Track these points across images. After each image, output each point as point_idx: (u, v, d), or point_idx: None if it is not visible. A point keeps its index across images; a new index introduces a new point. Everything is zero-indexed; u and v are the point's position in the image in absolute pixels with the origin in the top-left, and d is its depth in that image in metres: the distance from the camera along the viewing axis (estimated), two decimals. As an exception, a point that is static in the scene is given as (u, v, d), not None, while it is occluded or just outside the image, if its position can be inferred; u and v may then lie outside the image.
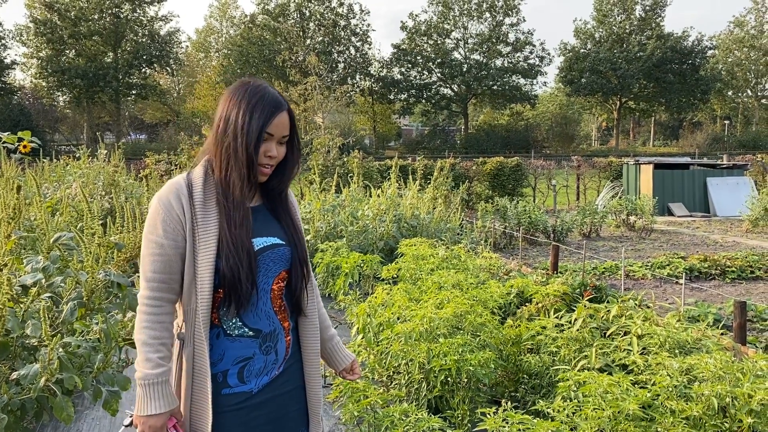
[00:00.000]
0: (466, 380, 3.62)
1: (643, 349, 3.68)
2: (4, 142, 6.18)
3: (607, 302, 4.95)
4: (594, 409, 2.50)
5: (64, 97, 47.32)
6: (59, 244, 2.89)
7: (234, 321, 1.81)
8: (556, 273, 6.72)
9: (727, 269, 8.33)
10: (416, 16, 51.99)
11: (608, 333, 4.11)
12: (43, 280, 2.79)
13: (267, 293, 1.85)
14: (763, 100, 58.21)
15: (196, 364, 1.79)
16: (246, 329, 1.81)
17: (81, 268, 2.88)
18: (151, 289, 1.77)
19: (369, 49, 51.20)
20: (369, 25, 55.46)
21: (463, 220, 9.74)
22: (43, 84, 45.64)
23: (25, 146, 6.43)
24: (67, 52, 45.28)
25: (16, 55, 71.32)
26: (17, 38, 45.33)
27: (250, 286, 1.78)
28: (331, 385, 3.90)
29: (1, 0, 43.43)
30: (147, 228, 1.80)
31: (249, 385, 1.82)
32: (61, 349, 2.62)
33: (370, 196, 8.57)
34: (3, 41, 44.17)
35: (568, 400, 2.94)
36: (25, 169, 8.56)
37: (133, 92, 48.27)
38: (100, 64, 44.54)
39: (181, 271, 1.79)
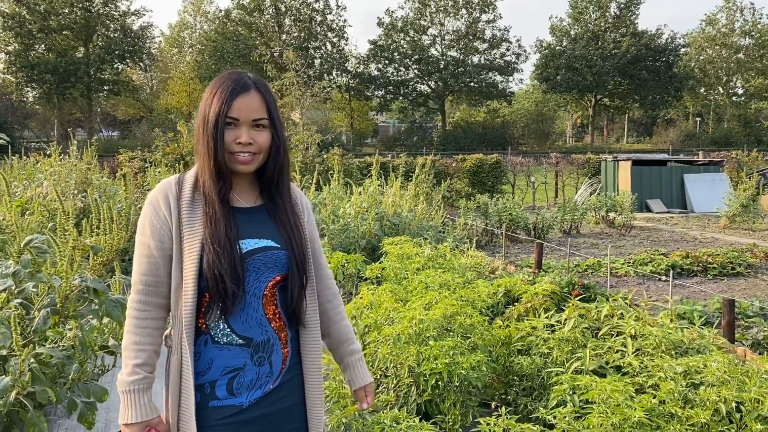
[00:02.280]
0: (457, 384, 3.51)
1: (638, 350, 3.61)
2: (-28, 139, 5.95)
3: (597, 301, 4.89)
4: (600, 416, 2.40)
5: (34, 92, 46.30)
6: (31, 248, 2.71)
7: (222, 327, 1.69)
8: (540, 271, 6.66)
9: (708, 266, 8.36)
10: (392, 12, 51.99)
11: (600, 333, 4.03)
12: (14, 287, 2.62)
13: (258, 299, 1.71)
14: (734, 98, 59.13)
15: (182, 372, 1.68)
16: (234, 336, 1.69)
17: (54, 272, 2.71)
18: (138, 292, 1.70)
19: (346, 44, 51.11)
20: (345, 20, 55.40)
21: (444, 217, 9.65)
22: (12, 79, 44.55)
23: (-7, 143, 6.20)
24: (37, 46, 44.32)
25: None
26: (-16, 32, 44.27)
27: (236, 289, 1.65)
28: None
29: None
30: (138, 229, 1.75)
31: (239, 398, 1.69)
32: (32, 360, 2.45)
33: (351, 193, 8.43)
34: (-30, 35, 43.11)
35: (563, 405, 2.84)
36: (-6, 166, 8.27)
37: (105, 88, 47.43)
38: (71, 60, 43.67)
39: (169, 274, 1.70)
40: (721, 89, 59.34)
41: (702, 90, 59.75)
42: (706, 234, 12.47)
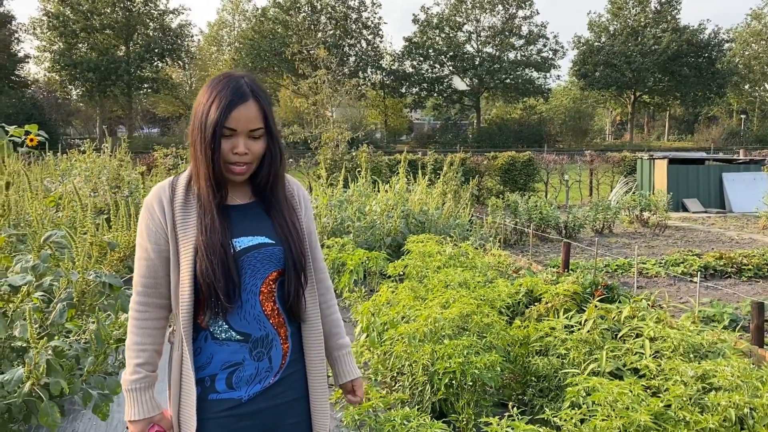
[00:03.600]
0: (471, 383, 3.51)
1: (656, 352, 3.55)
2: (11, 136, 6.13)
3: (619, 302, 4.82)
4: (603, 419, 2.37)
5: (77, 90, 47.44)
6: (50, 243, 2.80)
7: (220, 324, 1.73)
8: (568, 271, 6.57)
9: (743, 267, 8.14)
10: (428, 9, 51.69)
11: (619, 335, 3.98)
12: (33, 280, 2.70)
13: (255, 295, 1.74)
14: (781, 94, 57.37)
15: (183, 368, 1.73)
16: (233, 333, 1.72)
17: (72, 267, 2.79)
18: (138, 294, 1.75)
19: (380, 42, 50.99)
20: (380, 18, 55.31)
21: (472, 215, 9.60)
22: (56, 78, 45.78)
23: (31, 140, 6.38)
24: (80, 45, 45.40)
25: (30, 48, 71.72)
26: (31, 32, 45.54)
27: (231, 293, 1.68)
28: (333, 386, 3.81)
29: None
30: (137, 231, 1.80)
31: (239, 392, 1.73)
32: (50, 352, 2.53)
33: (378, 191, 8.45)
34: (17, 35, 44.39)
35: (577, 408, 2.82)
36: (31, 163, 8.53)
37: (145, 86, 48.30)
38: (112, 58, 44.60)
39: (168, 275, 1.74)
40: (766, 85, 57.58)
41: (746, 86, 58.07)
42: (744, 235, 12.14)
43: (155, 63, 48.33)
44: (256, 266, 1.74)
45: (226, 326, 1.73)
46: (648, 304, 4.37)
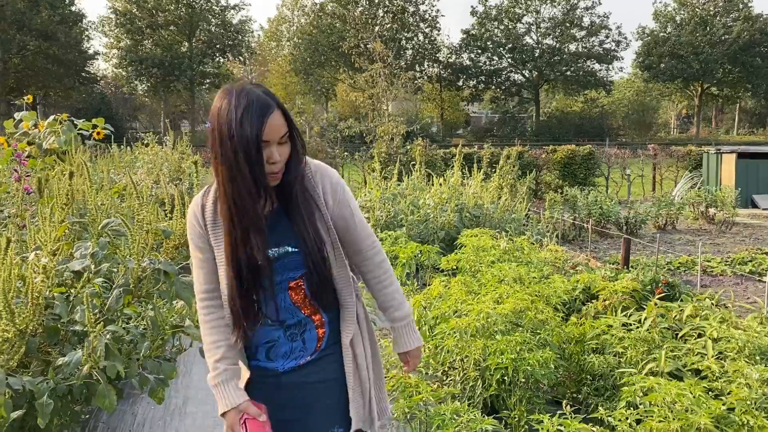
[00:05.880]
0: (523, 380, 3.44)
1: (719, 353, 3.40)
2: (80, 129, 6.38)
3: (681, 301, 4.64)
4: (660, 420, 2.28)
5: (143, 86, 48.98)
6: (108, 230, 2.88)
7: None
8: (627, 268, 6.38)
9: (817, 267, 7.73)
10: (487, 0, 50.97)
11: (680, 335, 3.83)
12: (92, 266, 2.79)
13: (284, 291, 1.85)
14: None
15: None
16: (268, 320, 1.87)
17: (128, 254, 2.87)
18: (201, 300, 1.91)
19: (438, 35, 50.63)
20: (438, 10, 54.84)
21: (529, 210, 9.43)
22: (123, 73, 47.39)
23: (98, 133, 6.62)
24: (145, 42, 46.82)
25: (99, 45, 74.43)
26: (99, 29, 47.29)
27: (256, 314, 1.84)
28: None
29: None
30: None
31: (275, 363, 1.88)
32: (108, 337, 2.61)
33: (432, 184, 8.39)
34: (87, 32, 46.13)
35: (633, 407, 2.72)
36: (98, 155, 8.85)
37: (207, 81, 49.43)
38: (176, 54, 45.81)
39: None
40: None
41: (824, 77, 55.01)
42: (819, 233, 11.52)
43: (217, 58, 49.40)
44: (283, 272, 1.83)
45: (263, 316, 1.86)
46: (712, 303, 4.19)
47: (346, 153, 13.33)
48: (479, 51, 50.45)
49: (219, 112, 1.70)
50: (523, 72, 51.30)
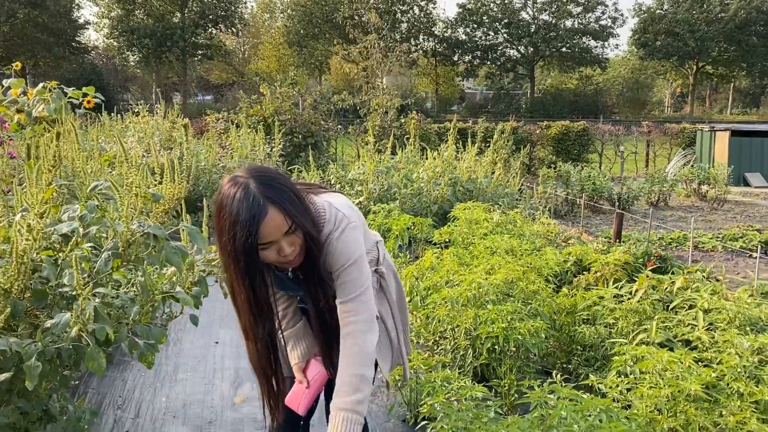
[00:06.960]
0: (514, 349, 3.44)
1: (710, 324, 3.41)
2: (70, 98, 6.28)
3: (672, 274, 4.65)
4: (651, 387, 2.28)
5: (134, 56, 48.38)
6: (97, 193, 2.84)
7: None
8: (620, 242, 6.39)
9: (807, 244, 7.77)
10: (483, -26, 50.39)
11: (671, 306, 3.84)
12: (81, 230, 2.75)
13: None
14: None
15: None
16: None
17: (117, 218, 2.83)
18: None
19: (433, 8, 50.11)
20: (434, -17, 54.11)
21: (523, 185, 9.41)
22: (114, 44, 46.74)
23: (89, 101, 6.52)
24: (137, 12, 46.15)
25: (90, 14, 73.31)
26: (90, -2, 46.53)
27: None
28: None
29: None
30: None
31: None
32: (97, 300, 2.58)
33: (427, 158, 8.34)
34: (77, 1, 45.37)
35: (623, 376, 2.73)
36: (88, 124, 8.73)
37: (199, 52, 48.89)
38: (168, 24, 45.19)
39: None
40: (842, 56, 54.31)
41: (820, 57, 54.91)
42: (810, 211, 11.58)
43: (209, 29, 48.77)
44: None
45: None
46: (703, 276, 4.20)
47: (339, 126, 13.22)
48: (475, 26, 50.03)
49: (218, 216, 1.72)
50: (519, 48, 50.97)
